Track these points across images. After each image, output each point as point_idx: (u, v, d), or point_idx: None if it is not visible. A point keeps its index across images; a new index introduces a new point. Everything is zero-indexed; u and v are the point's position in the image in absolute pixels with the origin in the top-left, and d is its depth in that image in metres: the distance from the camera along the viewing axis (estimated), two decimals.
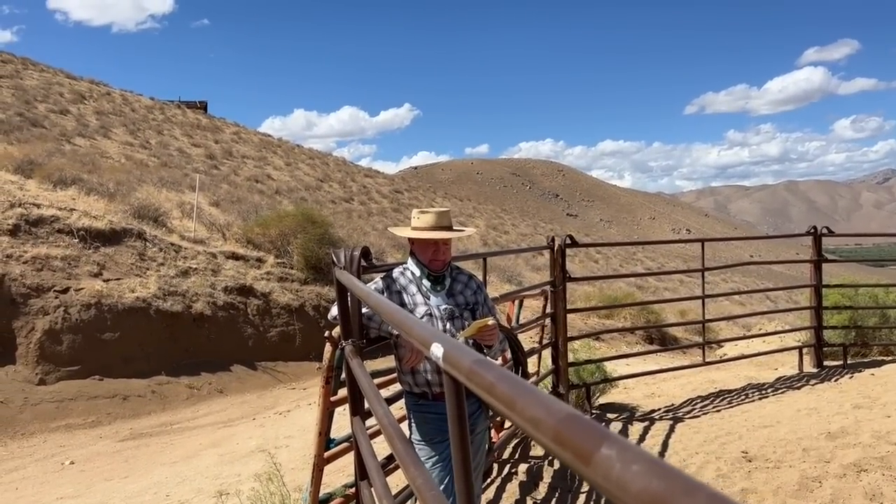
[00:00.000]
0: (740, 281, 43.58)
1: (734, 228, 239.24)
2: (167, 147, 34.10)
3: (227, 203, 19.58)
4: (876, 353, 9.10)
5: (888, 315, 9.22)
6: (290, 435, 7.89)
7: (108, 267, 11.44)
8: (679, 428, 6.39)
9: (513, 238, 43.57)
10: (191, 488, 6.37)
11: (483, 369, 0.91)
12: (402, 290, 3.39)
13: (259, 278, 13.02)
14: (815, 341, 8.48)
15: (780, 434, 5.93)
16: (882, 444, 5.44)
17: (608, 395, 7.70)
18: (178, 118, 44.01)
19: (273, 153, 44.90)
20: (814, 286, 8.51)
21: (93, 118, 34.38)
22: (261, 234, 14.44)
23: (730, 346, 11.57)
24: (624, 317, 15.96)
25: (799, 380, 8.00)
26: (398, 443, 1.76)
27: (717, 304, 23.01)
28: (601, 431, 0.59)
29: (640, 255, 47.47)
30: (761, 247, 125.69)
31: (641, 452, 0.53)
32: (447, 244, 3.42)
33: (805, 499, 4.61)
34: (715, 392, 7.78)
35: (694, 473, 5.20)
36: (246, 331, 11.98)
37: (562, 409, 0.67)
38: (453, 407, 1.13)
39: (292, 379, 11.49)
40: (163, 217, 14.49)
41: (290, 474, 5.76)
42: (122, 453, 8.09)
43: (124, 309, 10.69)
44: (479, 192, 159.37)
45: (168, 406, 9.87)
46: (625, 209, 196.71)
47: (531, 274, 23.38)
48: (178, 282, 11.83)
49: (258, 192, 27.91)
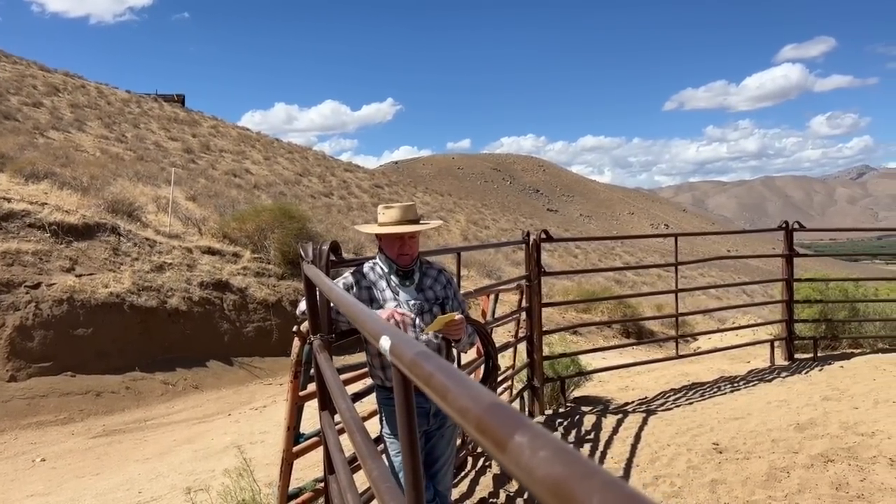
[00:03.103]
0: (717, 275, 44.09)
1: (711, 223, 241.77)
2: (143, 141, 33.69)
3: (203, 197, 19.39)
4: (845, 345, 9.25)
5: (857, 309, 9.38)
6: (266, 430, 7.86)
7: (80, 262, 11.29)
8: (652, 420, 6.45)
9: (493, 233, 43.66)
10: (164, 484, 6.32)
11: (423, 361, 0.91)
12: (371, 285, 3.38)
13: (235, 273, 12.92)
14: (787, 334, 8.61)
15: (751, 426, 6.02)
16: (849, 434, 5.54)
17: (583, 389, 7.76)
18: (154, 111, 43.49)
19: (252, 147, 44.56)
20: (785, 280, 8.63)
21: (67, 111, 33.86)
22: (237, 228, 14.33)
23: (704, 339, 11.71)
24: (601, 311, 16.08)
25: (770, 372, 8.11)
26: (358, 436, 1.76)
27: (694, 298, 23.26)
28: (518, 419, 0.59)
29: (619, 249, 47.82)
30: (738, 241, 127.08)
31: (551, 440, 0.54)
32: (414, 238, 3.41)
33: (773, 489, 4.69)
34: (688, 385, 7.87)
35: (665, 465, 5.26)
36: (222, 326, 11.90)
37: (487, 398, 0.68)
38: (401, 398, 1.13)
39: (269, 374, 11.43)
40: (138, 212, 14.32)
41: (265, 469, 5.75)
42: (94, 450, 8.00)
43: (97, 304, 10.56)
44: (460, 187, 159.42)
45: (142, 402, 9.78)
46: (604, 204, 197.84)
47: (511, 269, 23.43)
48: (153, 277, 11.70)
49: (236, 186, 27.67)
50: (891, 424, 5.68)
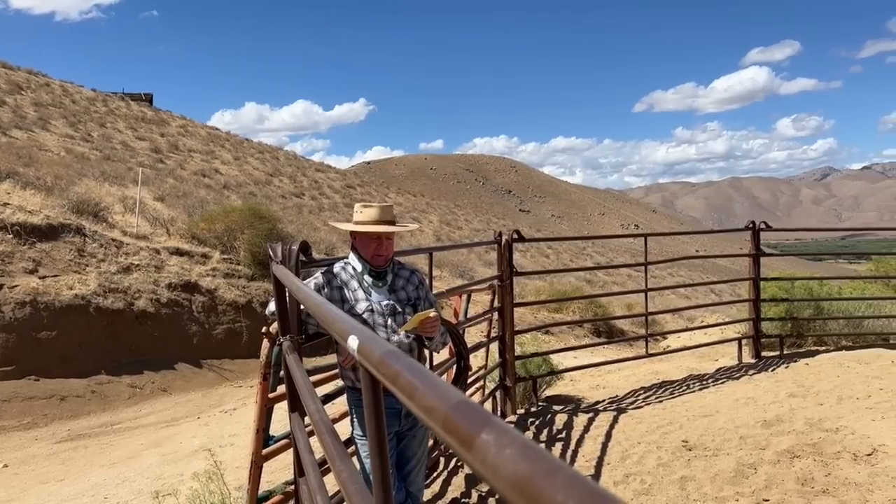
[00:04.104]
0: (686, 275, 44.68)
1: (680, 224, 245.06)
2: (110, 140, 33.07)
3: (172, 198, 19.10)
4: (810, 343, 9.43)
5: (822, 307, 9.57)
6: (236, 433, 7.76)
7: (44, 263, 11.04)
8: (622, 419, 6.51)
9: (466, 234, 43.70)
10: (130, 489, 6.20)
11: (390, 360, 0.90)
12: (343, 285, 3.35)
13: (204, 274, 12.75)
14: (754, 333, 8.75)
15: (719, 423, 6.11)
16: (814, 430, 5.65)
17: (555, 388, 7.80)
18: (121, 110, 42.73)
19: (221, 147, 44.02)
20: (752, 279, 8.78)
21: (30, 109, 33.10)
22: (206, 229, 14.13)
23: (673, 337, 11.85)
24: (573, 310, 16.18)
25: (738, 370, 8.24)
26: (327, 437, 1.74)
27: (664, 298, 23.53)
28: (485, 417, 0.59)
29: (590, 250, 48.23)
30: (707, 241, 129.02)
31: (517, 437, 0.53)
32: (390, 239, 3.39)
33: (741, 485, 4.76)
34: (658, 383, 7.96)
35: (636, 463, 5.31)
36: (191, 328, 11.72)
37: (454, 397, 0.67)
38: (369, 398, 1.12)
39: (239, 377, 11.29)
40: (104, 212, 14.05)
41: (235, 473, 5.66)
42: (58, 455, 7.82)
43: (62, 307, 10.33)
44: (432, 187, 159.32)
45: (109, 406, 9.59)
46: (576, 205, 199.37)
47: (484, 269, 23.47)
48: (120, 278, 11.49)
49: (205, 186, 27.30)
50: (854, 420, 5.80)
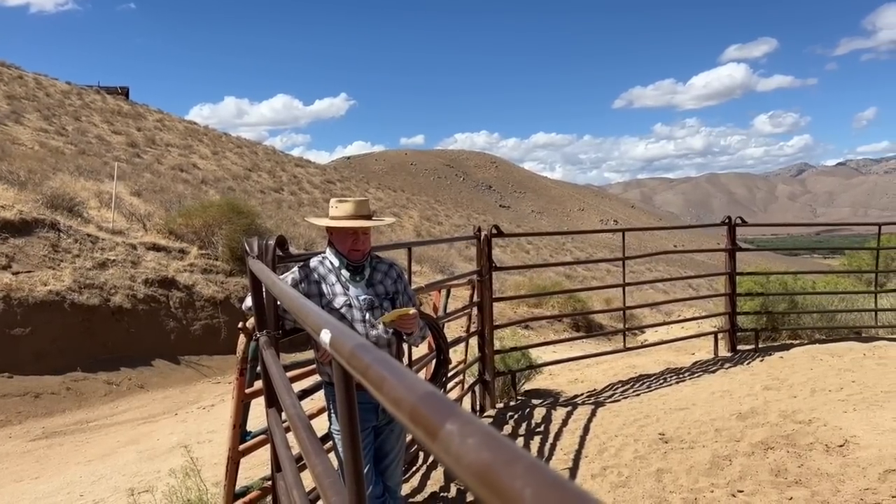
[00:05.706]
0: (664, 270, 45.08)
1: (659, 219, 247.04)
2: (85, 134, 32.60)
3: (149, 193, 18.87)
4: (785, 337, 9.57)
5: (796, 301, 9.71)
6: (214, 430, 7.71)
7: (17, 259, 10.87)
8: (600, 412, 6.57)
9: (446, 229, 43.69)
10: (107, 487, 6.14)
11: (361, 353, 0.90)
12: (320, 280, 3.34)
13: (182, 270, 12.63)
14: (730, 326, 8.86)
15: (695, 416, 6.18)
16: (788, 422, 5.74)
17: (534, 382, 7.84)
18: (97, 104, 42.09)
19: (199, 141, 43.57)
20: (728, 274, 8.88)
21: (3, 102, 32.51)
22: (184, 224, 13.99)
23: (650, 331, 11.95)
24: (552, 305, 16.27)
25: (714, 364, 8.34)
26: (303, 432, 1.74)
27: (642, 292, 23.73)
28: (450, 408, 0.59)
29: (570, 245, 48.48)
30: (684, 237, 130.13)
31: (480, 427, 0.54)
32: (366, 234, 3.39)
33: (716, 476, 4.82)
34: (635, 377, 8.03)
35: (613, 455, 5.36)
36: (168, 324, 11.61)
37: (422, 388, 0.67)
38: (342, 391, 1.12)
39: (217, 373, 11.21)
40: (79, 207, 13.84)
41: (213, 469, 5.63)
42: (33, 453, 7.72)
43: (36, 303, 10.18)
44: (413, 183, 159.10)
45: (84, 403, 9.47)
46: (555, 201, 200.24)
47: (464, 264, 23.50)
48: (95, 274, 11.34)
49: (183, 181, 27.02)
50: (827, 412, 5.90)
